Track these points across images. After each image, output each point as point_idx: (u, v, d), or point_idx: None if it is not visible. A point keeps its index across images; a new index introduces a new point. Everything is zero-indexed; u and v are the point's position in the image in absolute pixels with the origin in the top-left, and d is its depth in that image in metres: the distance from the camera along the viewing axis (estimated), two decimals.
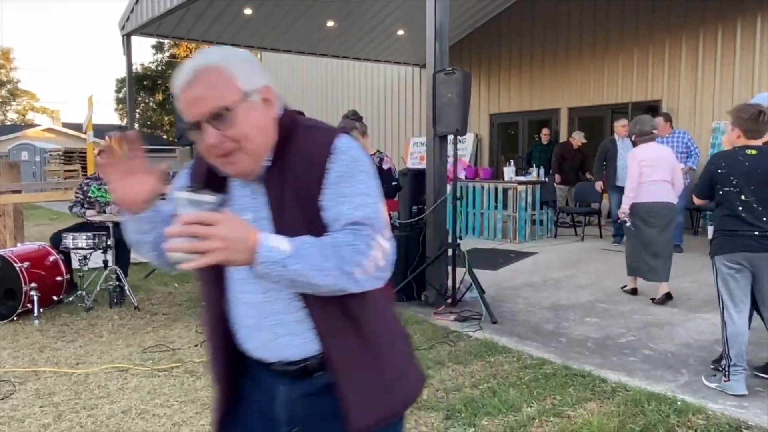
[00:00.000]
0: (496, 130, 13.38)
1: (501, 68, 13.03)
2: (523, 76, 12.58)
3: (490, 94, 13.24)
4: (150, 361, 3.98)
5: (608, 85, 11.22)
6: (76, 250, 5.36)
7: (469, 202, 9.42)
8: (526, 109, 12.61)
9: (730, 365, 3.36)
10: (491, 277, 6.47)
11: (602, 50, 11.26)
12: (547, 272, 6.76)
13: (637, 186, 5.22)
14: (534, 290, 5.91)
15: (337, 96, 17.18)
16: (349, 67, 16.46)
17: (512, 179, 9.22)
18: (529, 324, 4.76)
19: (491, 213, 9.18)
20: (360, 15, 11.92)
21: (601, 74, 11.30)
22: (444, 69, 5.22)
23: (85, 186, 5.86)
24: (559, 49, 11.94)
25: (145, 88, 36.40)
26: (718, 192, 3.41)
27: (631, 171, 5.27)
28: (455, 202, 5.30)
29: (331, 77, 17.36)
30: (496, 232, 9.13)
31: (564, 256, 7.79)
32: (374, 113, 15.32)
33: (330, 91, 17.44)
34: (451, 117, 5.15)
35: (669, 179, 5.22)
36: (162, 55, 37.03)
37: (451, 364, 3.84)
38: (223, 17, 11.31)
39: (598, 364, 3.83)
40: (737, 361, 3.36)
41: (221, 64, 1.22)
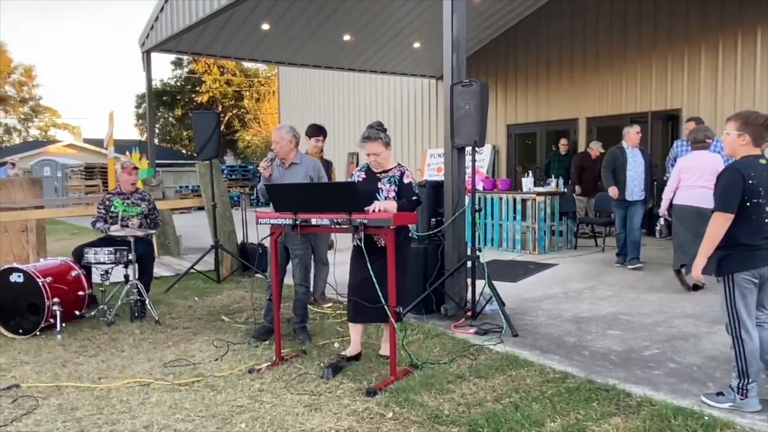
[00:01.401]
0: (513, 140, 13.34)
1: (518, 79, 13.01)
2: (540, 87, 12.55)
3: (507, 105, 13.22)
4: (171, 375, 4.00)
5: (627, 94, 11.15)
6: (97, 264, 5.42)
7: (488, 214, 9.39)
8: (543, 120, 12.56)
9: (748, 383, 3.27)
10: (511, 289, 6.44)
11: (620, 59, 11.20)
12: (567, 284, 6.71)
13: (673, 189, 6.00)
14: (555, 302, 5.86)
15: (354, 109, 17.26)
16: (366, 80, 16.56)
17: (531, 190, 9.18)
18: (550, 337, 4.71)
19: (510, 224, 9.14)
20: (376, 28, 12.01)
21: (619, 83, 11.24)
22: (461, 81, 5.22)
23: (107, 201, 5.94)
24: (576, 59, 11.90)
25: (165, 103, 36.93)
26: (746, 204, 3.19)
27: (672, 176, 6.03)
28: (474, 214, 5.28)
29: (348, 91, 17.47)
30: (515, 244, 9.08)
31: (584, 267, 7.73)
32: (391, 125, 15.37)
33: (347, 104, 17.53)
34: (468, 129, 5.15)
35: (708, 185, 5.47)
36: (181, 71, 37.54)
37: (472, 378, 3.81)
38: (241, 33, 11.45)
39: (622, 378, 3.78)
40: (755, 378, 3.27)
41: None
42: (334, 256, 4.55)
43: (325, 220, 3.77)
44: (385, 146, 4.04)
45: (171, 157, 30.74)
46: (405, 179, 4.05)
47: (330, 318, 5.43)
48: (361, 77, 16.52)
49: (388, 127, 15.61)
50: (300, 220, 3.86)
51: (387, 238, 3.69)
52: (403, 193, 4.02)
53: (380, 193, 4.03)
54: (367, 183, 4.08)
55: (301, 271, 4.72)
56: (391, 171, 4.09)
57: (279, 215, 3.95)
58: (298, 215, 3.86)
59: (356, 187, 3.74)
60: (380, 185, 4.04)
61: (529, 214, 8.94)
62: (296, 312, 4.82)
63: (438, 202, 5.56)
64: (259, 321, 5.04)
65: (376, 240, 3.97)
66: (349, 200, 3.68)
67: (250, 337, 4.75)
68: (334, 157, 16.48)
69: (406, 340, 4.51)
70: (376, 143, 4.02)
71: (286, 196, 3.94)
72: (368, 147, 4.04)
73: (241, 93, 36.99)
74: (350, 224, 3.67)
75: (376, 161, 4.05)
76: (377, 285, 3.74)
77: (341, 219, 3.70)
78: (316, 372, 3.98)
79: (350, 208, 3.68)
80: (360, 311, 4.03)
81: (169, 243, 9.53)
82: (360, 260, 3.94)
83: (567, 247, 9.35)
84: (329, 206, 3.76)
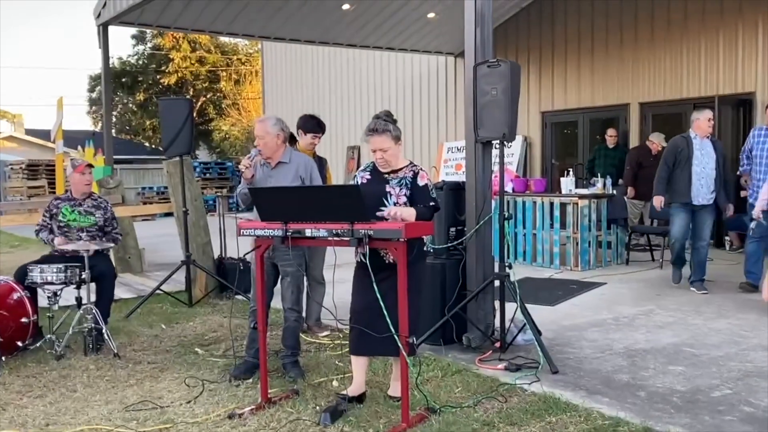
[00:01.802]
0: (549, 131, 13.34)
1: (555, 56, 13.03)
2: (583, 66, 12.56)
3: (542, 89, 13.23)
4: (134, 421, 4.00)
5: (688, 74, 11.14)
6: (44, 285, 5.44)
7: (519, 222, 9.39)
8: (586, 106, 12.57)
9: None
10: (549, 314, 6.42)
11: (679, 32, 11.19)
12: (618, 308, 6.69)
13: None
14: (603, 331, 5.84)
15: (355, 94, 17.32)
16: (370, 59, 16.61)
17: (572, 192, 9.17)
18: (598, 374, 4.69)
19: (546, 234, 9.14)
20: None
21: (679, 61, 11.23)
22: (487, 60, 5.22)
23: (54, 208, 5.96)
24: (627, 32, 11.91)
25: (124, 86, 37.12)
26: None
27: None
28: (503, 222, 5.27)
29: (347, 71, 17.53)
30: (552, 258, 9.07)
31: (639, 287, 7.70)
32: (399, 113, 15.40)
33: (346, 88, 17.59)
34: (496, 118, 5.15)
35: None
36: (144, 46, 37.76)
37: (503, 425, 3.80)
38: (217, 2, 11.51)
39: (686, 425, 3.76)
40: None
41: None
42: (333, 274, 4.54)
43: (322, 230, 3.78)
44: (394, 141, 4.05)
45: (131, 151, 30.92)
46: (420, 181, 4.06)
47: (327, 350, 5.42)
48: (363, 55, 16.58)
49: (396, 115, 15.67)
50: (291, 230, 3.86)
51: (397, 252, 3.69)
52: (418, 198, 4.03)
53: (389, 197, 4.04)
54: (373, 185, 4.09)
55: (292, 292, 4.72)
56: (401, 171, 4.10)
57: (266, 225, 3.96)
58: (289, 225, 3.87)
59: (359, 191, 3.74)
60: (388, 188, 4.05)
61: (570, 221, 8.93)
62: (286, 343, 4.82)
63: (458, 207, 5.55)
64: (241, 354, 5.03)
65: (384, 255, 3.97)
66: (352, 206, 3.68)
67: (230, 374, 4.75)
68: (330, 153, 16.52)
69: (421, 378, 4.50)
70: (383, 137, 4.03)
71: (274, 202, 3.94)
72: (374, 141, 4.05)
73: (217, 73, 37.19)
74: (352, 236, 3.68)
75: (384, 159, 4.06)
76: (385, 310, 3.74)
77: (342, 229, 3.70)
78: (311, 417, 3.97)
79: (352, 216, 3.68)
80: (364, 342, 4.02)
81: (129, 258, 9.56)
82: (364, 279, 3.94)
83: (617, 262, 9.32)
84: (327, 214, 3.76)
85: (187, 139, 7.23)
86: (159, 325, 6.43)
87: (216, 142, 36.04)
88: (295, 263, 4.68)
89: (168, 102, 7.61)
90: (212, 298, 7.50)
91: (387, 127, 4.05)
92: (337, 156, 17.29)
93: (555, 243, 9.08)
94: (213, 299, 7.47)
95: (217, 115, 37.02)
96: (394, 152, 4.07)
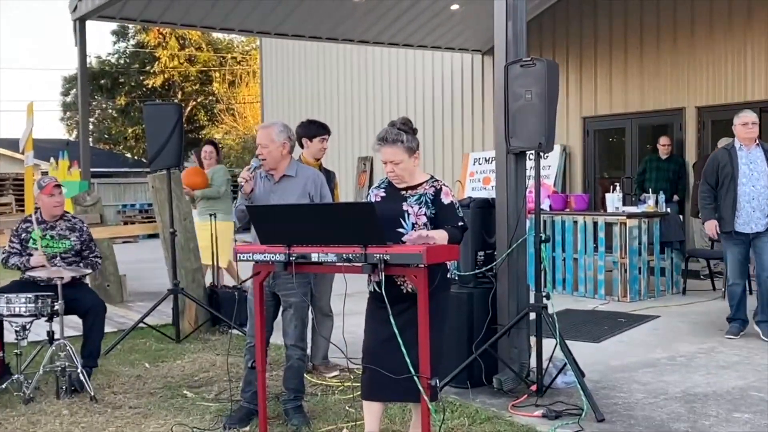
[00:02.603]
0: (592, 140, 13.33)
1: (598, 54, 13.04)
2: (631, 64, 12.56)
3: (584, 91, 13.23)
4: None
5: (753, 74, 11.10)
6: (11, 318, 5.47)
7: (558, 244, 9.37)
8: (635, 111, 12.55)
9: None
10: (593, 352, 6.40)
11: (742, 25, 11.18)
12: (674, 345, 6.65)
13: None
14: (656, 372, 5.81)
15: (367, 98, 17.39)
16: (384, 58, 16.69)
17: (618, 210, 9.14)
18: (651, 422, 4.66)
19: (590, 259, 9.11)
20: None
21: (742, 59, 11.20)
22: (520, 58, 5.25)
23: (24, 232, 5.98)
24: (681, 26, 11.91)
25: (103, 89, 37.59)
26: None
27: None
28: (539, 245, 5.27)
29: (358, 72, 17.62)
30: (597, 287, 9.04)
31: (698, 320, 7.66)
32: (419, 120, 15.45)
33: (357, 91, 17.67)
34: (530, 126, 5.16)
35: None
36: (125, 44, 38.24)
37: None
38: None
39: None
40: None
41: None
42: (342, 305, 4.55)
43: (331, 255, 3.80)
44: (407, 153, 4.06)
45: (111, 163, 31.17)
46: (444, 198, 4.07)
47: (336, 393, 5.43)
48: (376, 54, 16.66)
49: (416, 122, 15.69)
50: (295, 255, 3.88)
51: (417, 280, 3.70)
52: (444, 218, 4.04)
53: (406, 218, 4.05)
54: (388, 204, 4.10)
55: (296, 326, 4.74)
56: (420, 187, 4.12)
57: (266, 248, 3.98)
58: (293, 248, 3.89)
59: (374, 209, 3.76)
60: (406, 207, 4.07)
61: (617, 244, 8.91)
62: (288, 385, 4.83)
63: (487, 228, 5.56)
64: (237, 398, 5.04)
65: (401, 283, 3.98)
66: (365, 227, 3.70)
67: (224, 422, 4.75)
68: (338, 165, 16.58)
69: (445, 427, 4.48)
70: (395, 148, 4.04)
71: (275, 222, 3.97)
72: (384, 153, 4.07)
73: (209, 74, 37.55)
74: (366, 261, 3.70)
75: (395, 173, 4.07)
76: (403, 347, 3.74)
77: (353, 254, 3.72)
78: None
79: (366, 239, 3.70)
80: (379, 385, 4.02)
81: (108, 286, 9.62)
82: (379, 312, 3.94)
83: (672, 292, 9.28)
84: (336, 236, 3.79)
85: (176, 150, 7.29)
86: (142, 363, 6.45)
87: None
88: (300, 293, 4.69)
89: (154, 107, 7.69)
90: (203, 332, 7.52)
91: (399, 137, 4.06)
92: (347, 169, 17.35)
93: (599, 269, 9.03)
94: (204, 334, 7.49)
95: (209, 121, 37.35)
96: (408, 166, 4.08)
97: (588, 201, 9.83)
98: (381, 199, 4.16)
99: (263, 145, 4.75)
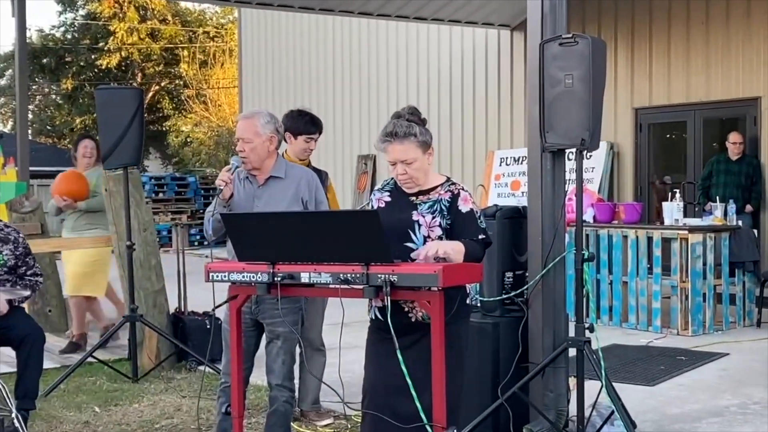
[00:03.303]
0: (646, 136, 13.31)
1: (654, 31, 13.03)
2: (694, 44, 12.55)
3: (636, 76, 13.22)
4: None
5: None
6: None
7: (603, 264, 9.36)
8: (699, 101, 12.52)
9: None
10: (646, 397, 6.38)
11: None
12: (745, 389, 6.62)
13: None
14: (724, 422, 5.79)
15: (369, 83, 17.39)
16: (391, 34, 16.70)
17: (678, 222, 9.11)
18: None
19: (642, 283, 9.09)
20: None
21: None
22: (559, 36, 5.25)
23: None
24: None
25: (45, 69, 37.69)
26: None
27: None
28: (581, 265, 5.26)
29: (358, 52, 17.63)
30: (651, 317, 9.03)
31: None
32: (431, 111, 15.45)
33: (357, 74, 17.68)
34: (571, 118, 5.16)
35: None
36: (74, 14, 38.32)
37: None
38: None
39: None
40: None
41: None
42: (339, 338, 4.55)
43: (325, 275, 3.80)
44: (422, 149, 4.06)
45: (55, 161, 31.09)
46: (462, 205, 4.06)
47: None
48: (381, 29, 16.68)
49: (427, 112, 15.69)
50: (281, 274, 3.88)
51: (431, 307, 3.69)
52: (461, 230, 4.04)
53: (416, 229, 4.06)
54: (394, 212, 4.11)
55: (283, 362, 4.73)
56: (434, 192, 4.13)
57: (245, 266, 3.98)
58: (278, 266, 3.89)
59: (378, 218, 3.75)
60: (416, 216, 4.07)
61: (677, 264, 8.88)
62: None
63: (517, 244, 5.56)
64: None
65: (411, 311, 3.99)
66: (367, 240, 3.71)
67: None
68: (333, 165, 16.59)
69: None
70: (406, 144, 4.04)
71: (257, 233, 3.97)
72: (393, 150, 4.06)
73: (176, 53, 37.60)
74: (368, 283, 3.69)
75: (408, 175, 4.07)
76: (413, 388, 3.74)
77: (352, 274, 3.72)
78: None
79: (368, 255, 3.70)
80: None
81: (50, 311, 9.61)
82: (383, 346, 3.96)
83: (744, 324, 9.24)
84: (331, 251, 3.79)
85: (135, 145, 7.30)
86: (91, 407, 6.43)
87: (173, 148, 36.31)
88: (289, 321, 4.66)
89: (108, 92, 7.71)
90: (167, 369, 7.51)
91: (411, 130, 4.06)
92: (343, 169, 17.36)
93: (655, 295, 9.01)
94: (168, 371, 7.48)
95: (175, 110, 37.34)
96: (422, 165, 4.08)
97: (641, 211, 9.81)
98: (386, 206, 4.17)
99: (245, 140, 4.72)
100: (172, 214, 22.40)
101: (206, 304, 7.17)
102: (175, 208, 22.87)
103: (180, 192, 23.49)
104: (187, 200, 23.39)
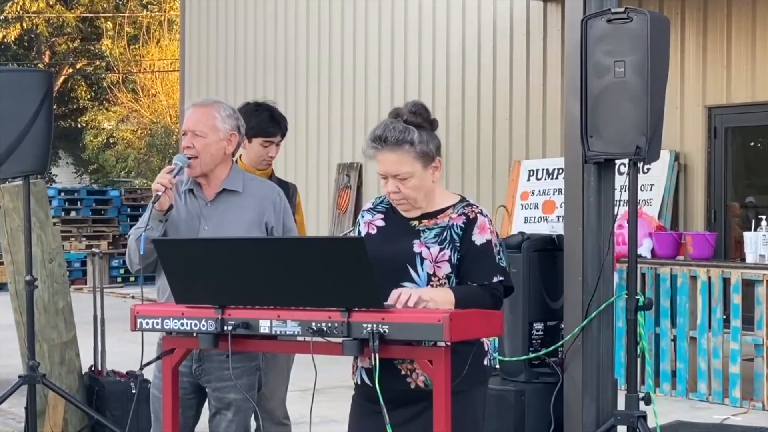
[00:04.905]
0: (722, 143, 13.36)
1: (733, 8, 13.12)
2: None
3: (707, 67, 13.30)
4: None
5: None
6: None
7: (664, 313, 9.38)
8: None
9: None
10: None
11: None
12: None
13: None
14: None
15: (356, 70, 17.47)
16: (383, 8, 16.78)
17: (765, 259, 9.13)
18: None
19: (716, 339, 9.13)
20: None
21: None
22: (607, 9, 5.29)
23: None
24: None
25: None
26: None
27: None
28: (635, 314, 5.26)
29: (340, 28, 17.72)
30: (728, 385, 9.05)
31: None
32: (439, 108, 15.51)
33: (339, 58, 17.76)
34: (622, 119, 5.20)
35: None
36: None
37: None
38: None
39: None
40: None
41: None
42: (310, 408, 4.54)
43: (291, 323, 3.78)
44: (420, 160, 4.04)
45: None
46: (478, 235, 4.06)
47: None
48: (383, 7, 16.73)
49: (435, 112, 15.71)
50: (233, 322, 3.87)
51: (434, 369, 3.68)
52: (468, 268, 4.04)
53: (419, 264, 4.06)
54: (389, 239, 4.13)
55: None
56: (443, 215, 4.14)
57: (185, 310, 3.97)
58: (229, 312, 3.88)
59: (364, 248, 3.73)
60: (418, 247, 4.08)
61: (762, 315, 8.91)
62: None
63: (549, 284, 5.59)
64: None
65: (408, 374, 4.00)
66: (349, 277, 3.70)
67: None
68: (304, 176, 16.62)
69: None
70: (399, 153, 4.02)
71: (201, 267, 3.96)
72: (383, 160, 4.06)
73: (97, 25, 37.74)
74: (349, 335, 3.68)
75: (401, 194, 4.07)
76: None
77: (328, 321, 3.70)
78: None
79: (350, 297, 3.70)
80: None
81: None
82: (371, 420, 3.97)
83: None
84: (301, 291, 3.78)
85: (41, 144, 7.29)
86: None
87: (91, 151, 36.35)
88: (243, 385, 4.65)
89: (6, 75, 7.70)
90: None
91: (407, 136, 4.02)
92: (318, 182, 17.42)
93: (733, 356, 9.04)
94: None
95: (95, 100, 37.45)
96: (421, 183, 4.07)
97: (715, 243, 9.85)
98: (377, 232, 4.18)
99: (197, 133, 4.68)
100: (87, 239, 22.41)
101: (132, 361, 7.19)
102: (91, 231, 22.88)
103: (99, 210, 23.49)
104: (108, 221, 23.39)
